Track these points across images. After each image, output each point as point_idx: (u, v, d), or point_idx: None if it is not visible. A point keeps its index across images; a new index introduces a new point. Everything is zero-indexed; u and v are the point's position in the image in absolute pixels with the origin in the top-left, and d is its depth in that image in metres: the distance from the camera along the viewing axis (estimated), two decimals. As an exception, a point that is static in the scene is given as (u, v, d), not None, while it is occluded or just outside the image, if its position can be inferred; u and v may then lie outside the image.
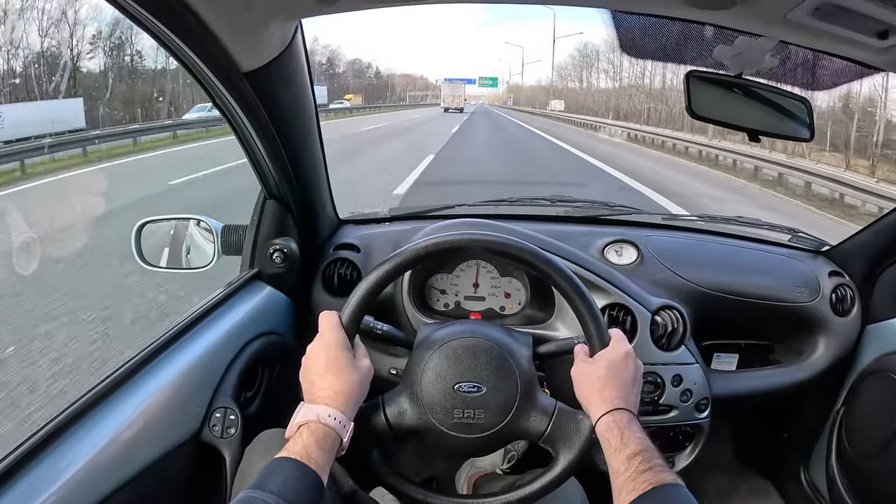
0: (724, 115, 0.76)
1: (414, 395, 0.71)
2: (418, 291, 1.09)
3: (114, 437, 0.68)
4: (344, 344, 0.69)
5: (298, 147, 0.92)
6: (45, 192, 6.85)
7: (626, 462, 0.61)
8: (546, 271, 0.73)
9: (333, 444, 0.63)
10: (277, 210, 1.00)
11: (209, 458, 0.80)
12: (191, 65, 0.65)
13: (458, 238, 0.74)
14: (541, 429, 0.70)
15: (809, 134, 0.79)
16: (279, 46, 0.72)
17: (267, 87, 0.76)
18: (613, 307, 1.03)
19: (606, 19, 0.65)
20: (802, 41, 0.66)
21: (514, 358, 0.72)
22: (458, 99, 36.31)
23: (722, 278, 1.13)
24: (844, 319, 1.16)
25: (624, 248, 1.15)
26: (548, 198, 1.33)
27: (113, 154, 9.63)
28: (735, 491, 1.40)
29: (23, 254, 3.14)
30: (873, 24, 0.59)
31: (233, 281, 0.99)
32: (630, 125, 18.74)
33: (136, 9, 0.53)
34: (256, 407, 0.92)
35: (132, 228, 1.04)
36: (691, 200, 6.45)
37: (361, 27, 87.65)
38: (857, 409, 1.13)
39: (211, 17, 0.59)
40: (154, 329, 2.83)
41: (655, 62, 1.30)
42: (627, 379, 0.70)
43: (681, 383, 1.02)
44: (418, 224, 1.18)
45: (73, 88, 16.08)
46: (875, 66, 0.72)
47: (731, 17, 0.61)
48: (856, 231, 1.20)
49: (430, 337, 0.75)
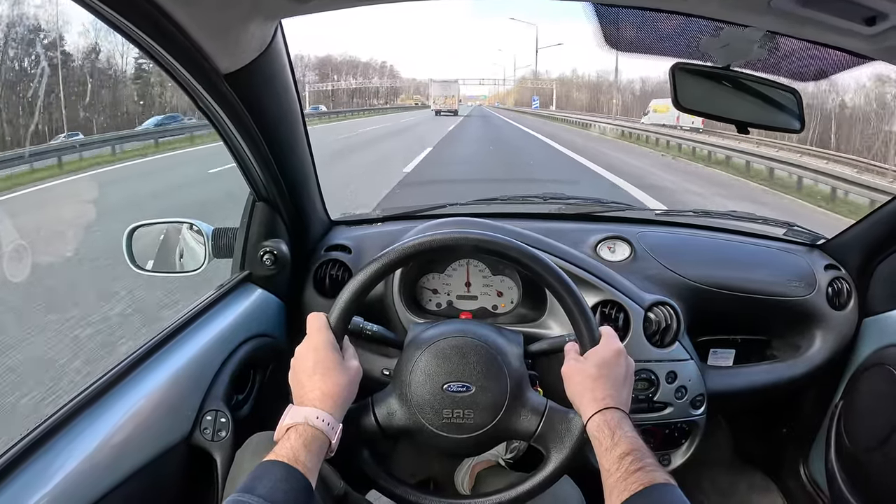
0: (713, 107, 0.76)
1: (403, 395, 0.71)
2: (410, 291, 1.08)
3: (104, 440, 0.68)
4: (332, 345, 0.69)
5: (285, 148, 0.92)
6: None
7: (617, 462, 0.61)
8: (534, 268, 0.73)
9: (322, 447, 0.63)
10: (267, 212, 1.00)
11: (200, 461, 0.80)
12: (169, 67, 0.65)
13: (444, 237, 0.73)
14: (531, 428, 0.70)
15: (800, 125, 0.79)
16: (259, 47, 0.72)
17: (249, 89, 0.75)
18: (606, 304, 1.02)
19: (588, 13, 0.64)
20: (789, 30, 0.65)
21: (503, 357, 0.71)
22: (451, 100, 33.29)
23: (716, 273, 1.12)
24: (841, 313, 1.15)
25: (617, 244, 1.14)
26: (540, 195, 1.32)
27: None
28: (735, 487, 1.39)
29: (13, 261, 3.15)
30: (860, 10, 0.58)
31: (224, 283, 0.99)
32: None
33: (109, 12, 0.53)
34: (248, 409, 0.92)
35: (122, 233, 1.04)
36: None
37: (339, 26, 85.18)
38: (856, 402, 1.12)
39: (185, 18, 0.58)
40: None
41: (639, 55, 1.29)
42: (618, 377, 0.69)
43: (675, 380, 1.01)
44: (410, 224, 1.18)
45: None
46: (865, 54, 0.72)
47: (715, 6, 0.60)
48: (851, 224, 1.20)
49: (419, 337, 0.74)
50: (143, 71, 18.72)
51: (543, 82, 48.98)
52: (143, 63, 18.37)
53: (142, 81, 18.15)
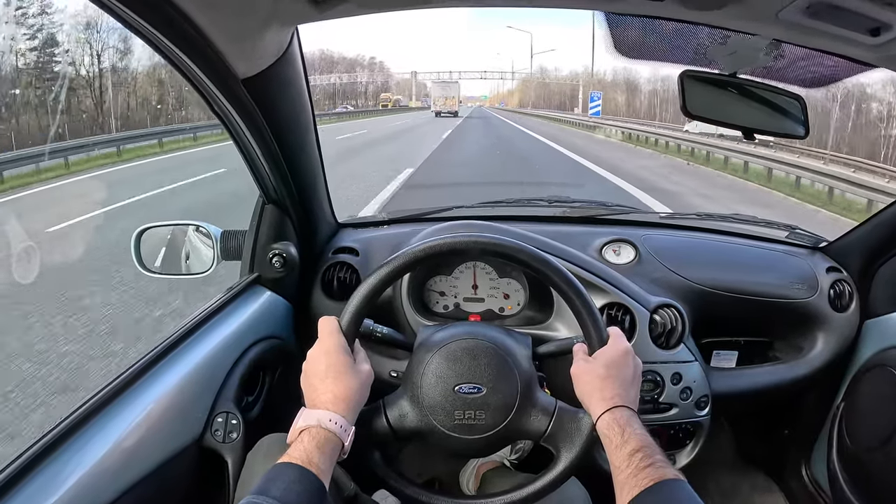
0: (719, 113, 0.76)
1: (415, 397, 0.71)
2: (418, 294, 1.09)
3: (116, 444, 0.68)
4: (343, 348, 0.69)
5: (296, 152, 0.93)
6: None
7: (628, 458, 0.61)
8: (543, 271, 0.73)
9: (335, 449, 0.63)
10: (276, 215, 1.00)
11: (211, 464, 0.80)
12: (188, 72, 0.65)
13: (454, 240, 0.74)
14: (542, 428, 0.71)
15: (804, 131, 0.80)
16: (276, 53, 0.73)
17: (264, 93, 0.76)
18: (612, 306, 1.03)
19: (600, 21, 0.65)
20: (795, 39, 0.67)
21: (513, 358, 0.72)
22: (452, 101, 32.68)
23: (720, 276, 1.13)
24: (843, 315, 1.16)
25: (622, 247, 1.15)
26: (545, 198, 1.33)
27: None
28: (737, 488, 1.40)
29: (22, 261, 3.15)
30: (865, 21, 0.60)
31: (233, 286, 0.99)
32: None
33: (132, 17, 0.54)
34: (258, 411, 0.92)
35: (131, 235, 1.05)
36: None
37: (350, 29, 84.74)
38: (858, 404, 1.13)
39: (207, 24, 0.59)
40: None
41: (647, 62, 1.32)
42: (627, 376, 0.70)
43: (680, 381, 1.02)
44: (417, 227, 1.18)
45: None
46: (869, 62, 0.73)
47: (723, 16, 0.61)
48: (853, 226, 1.21)
49: (429, 339, 0.75)
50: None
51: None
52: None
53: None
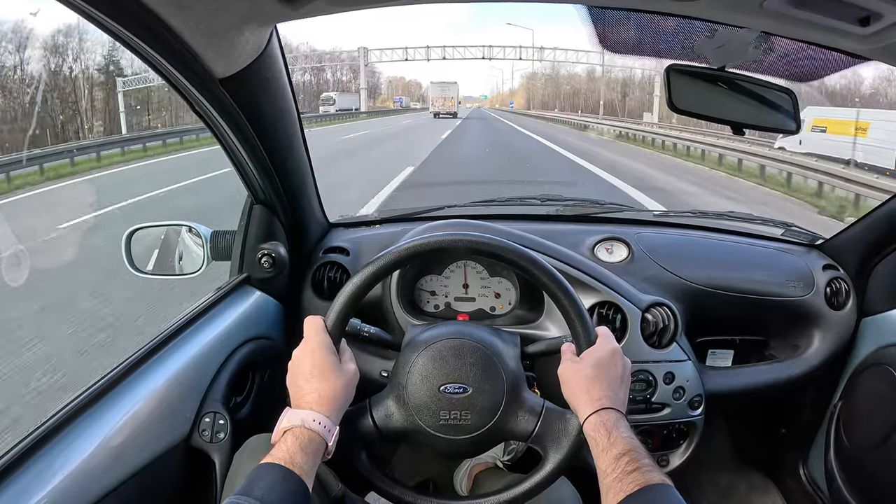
0: (708, 108, 0.75)
1: (400, 397, 0.71)
2: (408, 293, 1.08)
3: (103, 442, 0.68)
4: (328, 348, 0.69)
5: (282, 151, 0.92)
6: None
7: (614, 462, 0.61)
8: (530, 270, 0.73)
9: (318, 449, 0.63)
10: (264, 215, 1.00)
11: (199, 463, 0.80)
12: (165, 72, 0.65)
13: (440, 239, 0.73)
14: (529, 429, 0.70)
15: (795, 126, 0.79)
16: (254, 52, 0.72)
17: (245, 93, 0.75)
18: (603, 305, 1.02)
19: (583, 15, 0.64)
20: (783, 31, 0.65)
21: (500, 358, 0.71)
22: (450, 102, 31.34)
23: (714, 274, 1.12)
24: (840, 313, 1.15)
25: (614, 245, 1.14)
26: (538, 197, 1.32)
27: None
28: (734, 488, 1.39)
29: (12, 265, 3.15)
30: (853, 10, 0.58)
31: (222, 286, 0.99)
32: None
33: (104, 18, 0.53)
34: (246, 412, 0.92)
35: (122, 236, 1.05)
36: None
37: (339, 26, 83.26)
38: (855, 402, 1.12)
39: (180, 24, 0.59)
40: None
41: (634, 56, 1.29)
42: (615, 377, 0.69)
43: (673, 381, 1.01)
44: (408, 226, 1.18)
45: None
46: (860, 55, 0.72)
47: (706, 7, 0.60)
48: (849, 224, 1.20)
49: (416, 339, 0.74)
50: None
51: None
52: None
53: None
